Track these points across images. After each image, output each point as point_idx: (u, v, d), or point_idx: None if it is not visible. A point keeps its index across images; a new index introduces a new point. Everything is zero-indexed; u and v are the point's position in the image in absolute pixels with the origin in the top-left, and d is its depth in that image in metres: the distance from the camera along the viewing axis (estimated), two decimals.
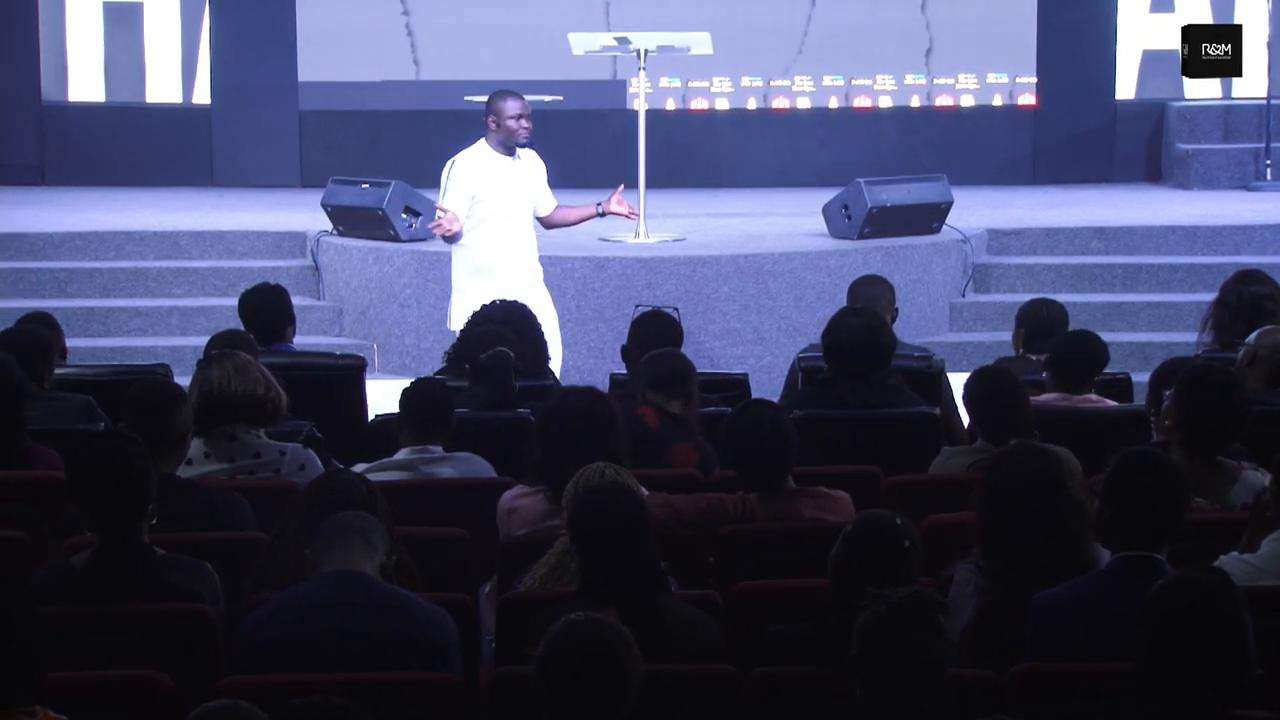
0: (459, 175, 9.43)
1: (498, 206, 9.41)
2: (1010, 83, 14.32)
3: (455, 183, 9.43)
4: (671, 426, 6.50)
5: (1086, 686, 4.45)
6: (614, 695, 4.06)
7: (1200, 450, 5.68)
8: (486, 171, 9.42)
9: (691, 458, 6.40)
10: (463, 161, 9.48)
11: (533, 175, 9.59)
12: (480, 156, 9.46)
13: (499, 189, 9.42)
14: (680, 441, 6.47)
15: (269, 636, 4.70)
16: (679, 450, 6.44)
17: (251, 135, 14.21)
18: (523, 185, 9.51)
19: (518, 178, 9.49)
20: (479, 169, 9.43)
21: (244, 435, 6.12)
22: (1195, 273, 11.52)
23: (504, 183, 9.43)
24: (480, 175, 9.41)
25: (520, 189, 9.49)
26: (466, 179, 9.41)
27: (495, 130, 9.43)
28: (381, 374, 10.74)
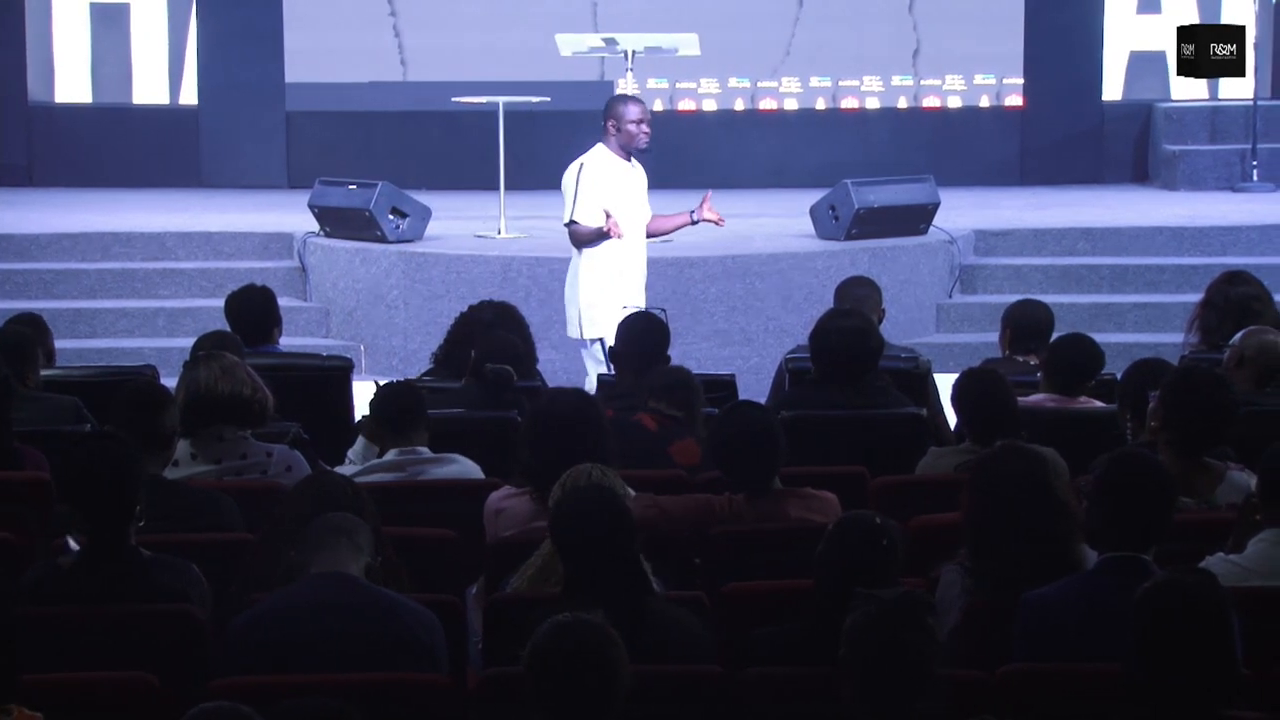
0: (590, 180, 9.21)
1: (624, 212, 9.25)
2: (997, 84, 14.35)
3: (587, 187, 9.20)
4: (672, 427, 6.50)
5: (1075, 687, 4.45)
6: (602, 696, 4.06)
7: (1187, 451, 5.68)
8: (612, 176, 9.26)
9: (694, 449, 6.39)
10: (591, 165, 9.24)
11: (643, 182, 9.45)
12: (604, 160, 9.27)
13: (623, 194, 9.26)
14: (680, 438, 6.47)
15: (257, 638, 4.69)
16: (681, 445, 6.43)
17: (239, 136, 14.21)
18: (640, 191, 9.37)
19: (636, 183, 9.35)
20: (606, 173, 9.25)
21: (231, 436, 6.11)
22: (1182, 273, 11.55)
23: (627, 188, 9.29)
24: (607, 180, 9.25)
25: (639, 195, 9.36)
26: (597, 183, 9.22)
27: (615, 135, 9.22)
28: (369, 375, 10.73)
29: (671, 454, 6.40)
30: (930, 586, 4.96)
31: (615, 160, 9.25)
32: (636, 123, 9.20)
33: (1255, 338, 6.88)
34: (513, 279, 10.97)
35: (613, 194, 9.22)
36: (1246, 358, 6.77)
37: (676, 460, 6.36)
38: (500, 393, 7.01)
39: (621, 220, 9.20)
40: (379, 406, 6.34)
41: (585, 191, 9.23)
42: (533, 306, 10.48)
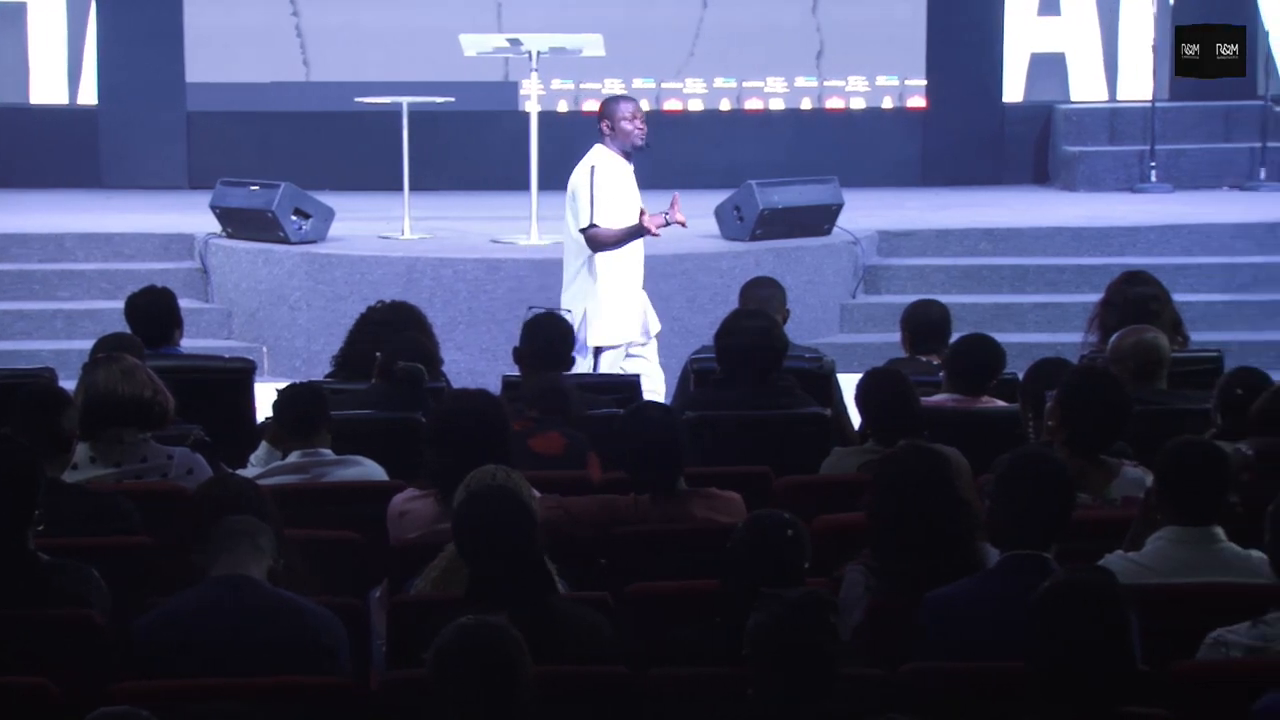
0: (603, 181, 9.16)
1: (629, 212, 9.20)
2: (900, 85, 14.43)
3: (603, 189, 9.15)
4: (533, 427, 6.49)
5: (977, 685, 4.48)
6: (506, 698, 4.05)
7: (1084, 449, 5.74)
8: (617, 176, 9.22)
9: (556, 440, 6.38)
10: (602, 167, 9.17)
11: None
12: (610, 161, 9.21)
13: (628, 193, 9.22)
14: (549, 430, 6.47)
15: (158, 641, 4.66)
16: (542, 438, 6.43)
17: (139, 136, 14.08)
18: (635, 185, 9.31)
19: (634, 182, 9.31)
20: (614, 174, 9.21)
21: (131, 439, 6.05)
22: (1082, 273, 11.66)
23: (630, 187, 9.25)
24: (616, 178, 9.20)
25: (636, 189, 9.30)
26: (611, 183, 9.17)
27: (611, 135, 9.17)
28: (271, 377, 10.66)
29: (531, 446, 6.39)
30: (834, 586, 4.98)
31: (617, 160, 9.23)
32: (631, 119, 9.18)
33: (1132, 336, 6.95)
34: (417, 280, 10.93)
35: (620, 194, 9.22)
36: (1124, 357, 6.83)
37: (536, 450, 6.36)
38: (412, 391, 6.97)
39: (630, 221, 9.14)
40: (281, 408, 6.30)
41: (601, 192, 9.17)
42: (437, 308, 10.45)
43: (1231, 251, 12.02)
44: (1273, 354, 10.81)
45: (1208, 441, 5.26)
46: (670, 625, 4.81)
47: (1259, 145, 13.63)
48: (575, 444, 6.46)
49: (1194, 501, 5.02)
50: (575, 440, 6.48)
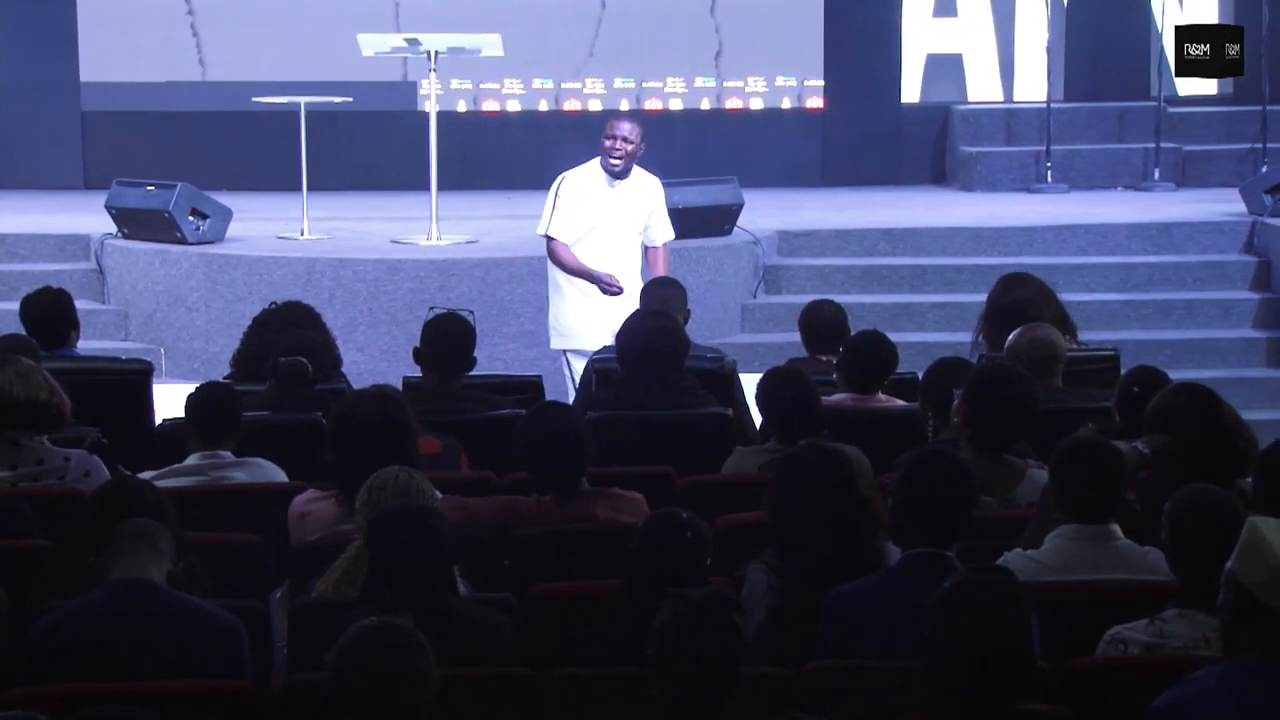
0: (568, 193, 9.33)
1: (600, 223, 9.28)
2: (798, 86, 14.48)
3: (564, 199, 9.33)
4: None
5: (878, 683, 4.50)
6: (408, 700, 4.04)
7: (988, 449, 5.78)
8: (593, 187, 9.32)
9: (433, 443, 6.37)
10: (571, 178, 9.39)
11: (642, 200, 9.41)
12: (590, 173, 9.38)
13: (601, 207, 9.30)
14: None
15: (55, 646, 4.61)
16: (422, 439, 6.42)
17: (32, 136, 13.92)
18: (627, 207, 9.34)
19: (623, 198, 9.33)
20: (586, 185, 9.33)
21: (27, 442, 5.99)
22: (980, 273, 11.73)
23: (607, 201, 9.31)
24: (586, 191, 9.31)
25: (623, 210, 9.33)
26: (573, 194, 9.31)
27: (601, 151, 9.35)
28: (169, 378, 10.58)
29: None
30: (736, 585, 4.99)
31: (598, 176, 9.30)
32: (610, 138, 9.28)
33: (1026, 335, 7.01)
34: (316, 280, 10.87)
35: (590, 204, 9.31)
36: (1025, 357, 6.89)
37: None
38: (296, 386, 6.92)
39: (596, 229, 9.25)
40: (190, 409, 6.25)
41: (562, 206, 9.33)
42: (337, 309, 10.41)
43: (1126, 251, 12.14)
44: (1167, 353, 10.93)
45: (1102, 439, 5.30)
46: (572, 626, 4.81)
47: (1153, 146, 13.78)
48: (450, 445, 6.46)
49: (1090, 499, 5.06)
50: (449, 442, 6.47)
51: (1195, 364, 11.04)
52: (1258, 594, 3.97)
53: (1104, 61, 14.48)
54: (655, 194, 9.56)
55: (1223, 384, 8.18)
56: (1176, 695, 4.05)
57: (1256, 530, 4.01)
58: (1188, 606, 4.61)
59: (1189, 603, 4.61)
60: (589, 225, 9.33)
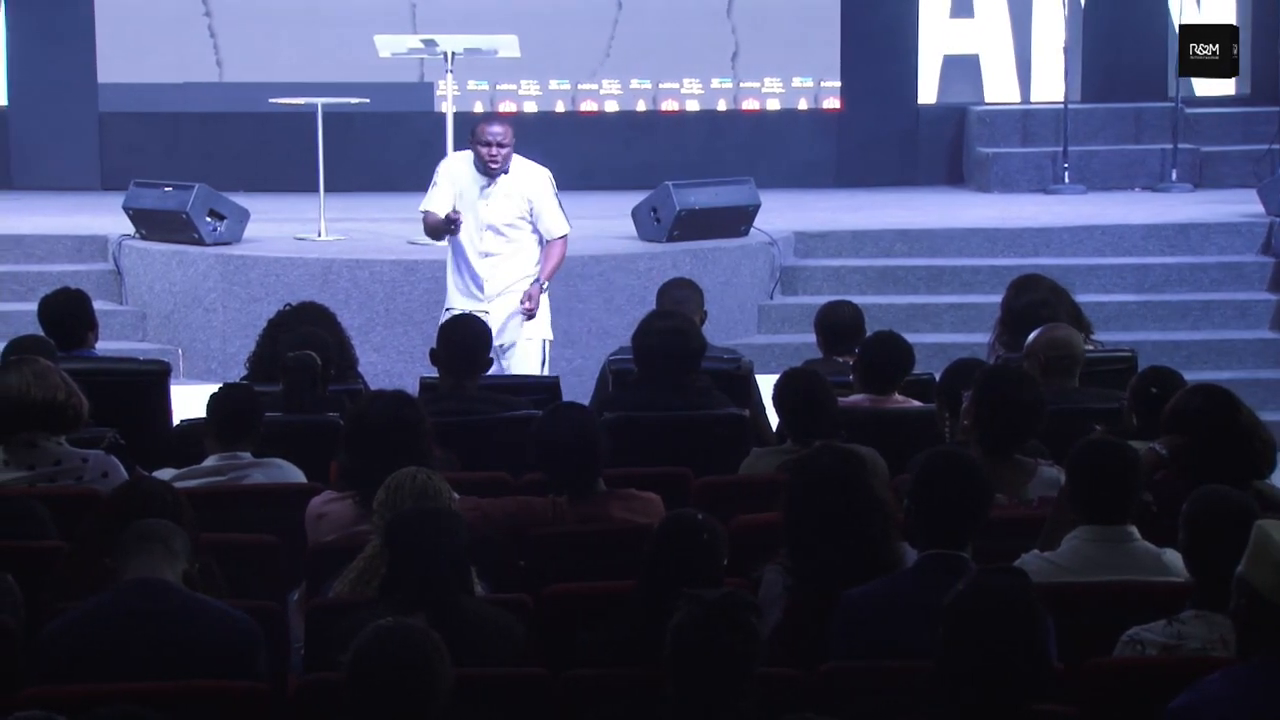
0: (442, 170, 9.39)
1: (464, 217, 9.23)
2: (815, 86, 14.48)
3: (441, 176, 9.36)
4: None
5: (893, 684, 4.50)
6: (423, 700, 4.04)
7: (999, 448, 5.78)
8: (463, 177, 9.28)
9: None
10: (449, 159, 9.40)
11: (518, 189, 9.28)
12: (463, 161, 9.34)
13: (470, 199, 9.24)
14: None
15: (70, 646, 4.62)
16: None
17: (50, 137, 13.95)
18: (501, 202, 9.25)
19: (496, 193, 9.24)
20: (458, 173, 9.31)
21: (44, 442, 6.00)
22: (996, 274, 11.71)
23: (477, 194, 9.24)
24: (460, 177, 9.29)
25: (496, 205, 9.24)
26: (449, 180, 9.31)
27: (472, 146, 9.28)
28: (186, 379, 10.60)
29: None
30: (753, 586, 4.99)
31: (472, 168, 9.26)
32: (485, 145, 9.18)
33: (1045, 335, 7.01)
34: (333, 281, 10.88)
35: (461, 195, 9.26)
36: (1046, 357, 6.89)
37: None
38: (305, 382, 6.92)
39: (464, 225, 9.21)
40: (210, 410, 6.26)
41: (438, 185, 9.34)
42: (353, 309, 10.42)
43: (1143, 252, 12.12)
44: (1184, 354, 10.92)
45: (1118, 440, 5.30)
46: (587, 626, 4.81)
47: (1170, 147, 13.76)
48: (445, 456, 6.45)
49: (1105, 501, 5.06)
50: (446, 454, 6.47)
51: (1212, 365, 11.02)
52: (1268, 595, 3.98)
53: (1121, 62, 14.46)
54: (537, 184, 9.35)
55: (1240, 385, 8.17)
56: (1192, 697, 4.05)
57: (1264, 532, 4.02)
58: (1204, 608, 4.60)
59: (1206, 604, 4.60)
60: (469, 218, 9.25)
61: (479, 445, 6.64)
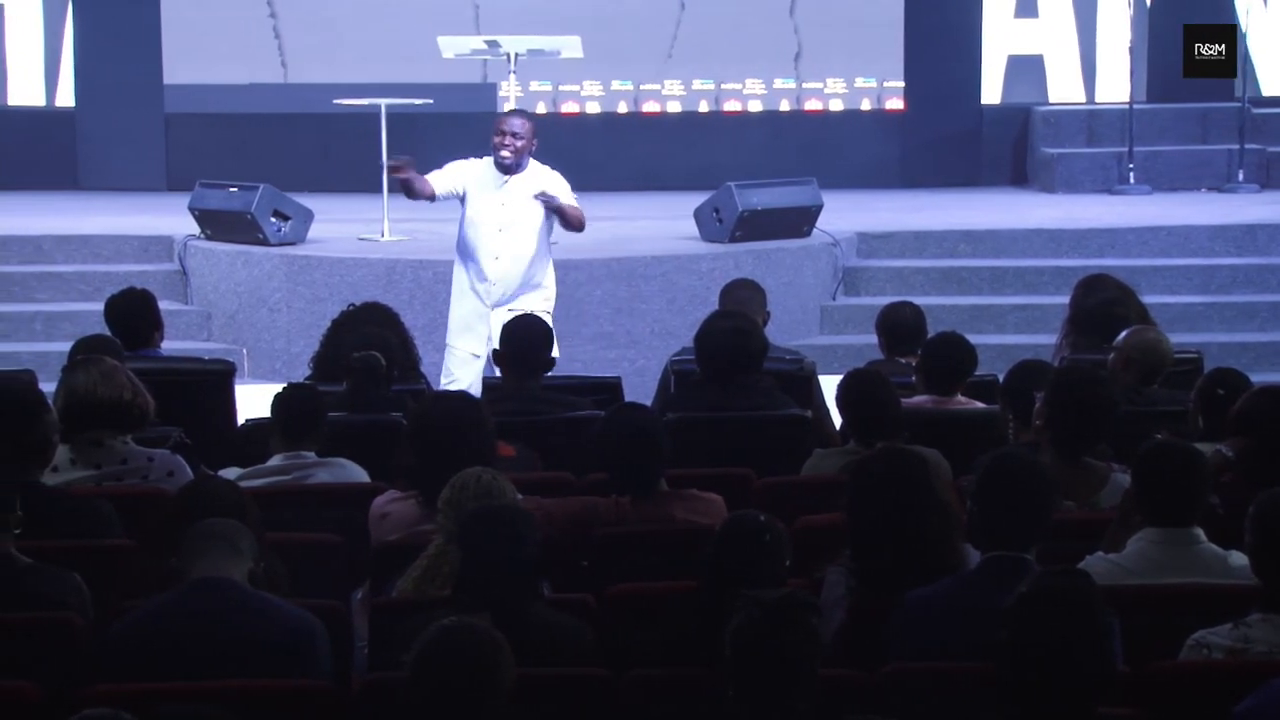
0: (458, 163, 9.36)
1: (477, 217, 9.23)
2: (878, 87, 14.45)
3: (452, 165, 9.35)
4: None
5: (954, 686, 4.48)
6: (485, 699, 4.05)
7: (1068, 452, 5.75)
8: (480, 178, 9.25)
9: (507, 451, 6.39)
10: (470, 160, 9.35)
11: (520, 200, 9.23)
12: (483, 164, 9.31)
13: (483, 201, 9.22)
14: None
15: (137, 644, 4.64)
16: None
17: (116, 138, 14.05)
18: (519, 202, 9.21)
19: (514, 193, 9.22)
20: (475, 173, 9.28)
21: (111, 442, 6.03)
22: (1061, 275, 11.68)
23: (491, 196, 9.22)
24: (473, 178, 9.26)
25: (514, 205, 9.21)
26: (461, 170, 9.30)
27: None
28: (251, 379, 10.66)
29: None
30: (815, 587, 4.98)
31: (491, 173, 9.24)
32: (499, 134, 9.18)
33: (1138, 337, 6.97)
34: (397, 281, 10.92)
35: (472, 195, 9.25)
36: (1132, 358, 6.86)
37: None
38: (370, 381, 6.95)
39: (472, 224, 9.20)
40: (274, 409, 6.29)
41: (445, 166, 9.33)
42: (416, 310, 10.45)
43: (1209, 253, 12.05)
44: (1250, 355, 10.85)
45: (1184, 443, 5.27)
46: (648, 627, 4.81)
47: (1236, 147, 13.67)
48: (524, 453, 6.48)
49: (1171, 503, 5.03)
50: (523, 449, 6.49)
51: (1278, 367, 10.94)
52: None
53: None
54: (556, 184, 9.31)
55: None
56: (1258, 700, 4.02)
57: None
58: (1271, 611, 4.57)
59: (1273, 607, 4.57)
60: (466, 215, 9.24)
61: (541, 445, 6.65)
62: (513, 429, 6.47)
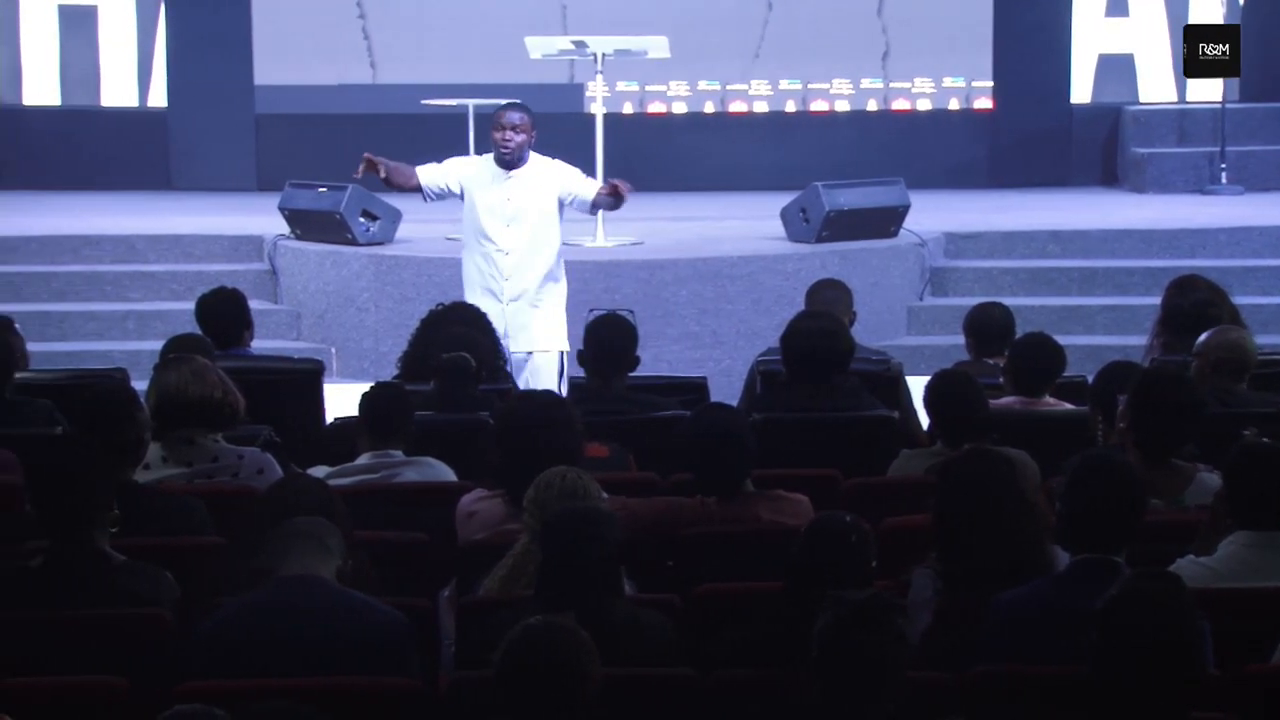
0: (456, 160, 9.35)
1: (483, 214, 9.19)
2: (966, 86, 14.38)
3: (452, 160, 9.36)
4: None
5: (1043, 689, 4.46)
6: (572, 698, 4.06)
7: (1154, 452, 5.70)
8: (480, 175, 9.22)
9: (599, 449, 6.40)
10: (468, 158, 9.31)
11: (544, 184, 9.22)
12: (483, 161, 9.29)
13: (487, 197, 9.20)
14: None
15: (225, 642, 4.68)
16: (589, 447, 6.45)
17: (208, 138, 14.17)
18: (524, 195, 9.18)
19: (518, 187, 9.21)
20: (474, 170, 9.27)
21: (201, 440, 6.09)
22: (1151, 275, 11.58)
23: (496, 191, 9.19)
24: (472, 176, 9.23)
25: (519, 199, 9.18)
26: (458, 168, 9.29)
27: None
28: (339, 378, 10.72)
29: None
30: (901, 589, 4.97)
31: (491, 165, 9.20)
32: (499, 129, 9.15)
33: (1221, 337, 6.91)
34: None
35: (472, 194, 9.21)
36: (1217, 359, 6.80)
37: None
38: (459, 382, 6.97)
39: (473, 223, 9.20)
40: (362, 408, 6.33)
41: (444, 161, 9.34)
42: None
43: None
44: None
45: (1274, 445, 5.21)
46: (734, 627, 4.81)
47: None
48: (616, 451, 6.48)
49: (1263, 505, 4.98)
50: (615, 448, 6.49)
51: None
52: None
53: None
54: (564, 172, 9.27)
55: None
56: None
57: None
58: None
59: None
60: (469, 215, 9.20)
61: (627, 445, 6.66)
62: (598, 429, 6.48)
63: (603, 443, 6.43)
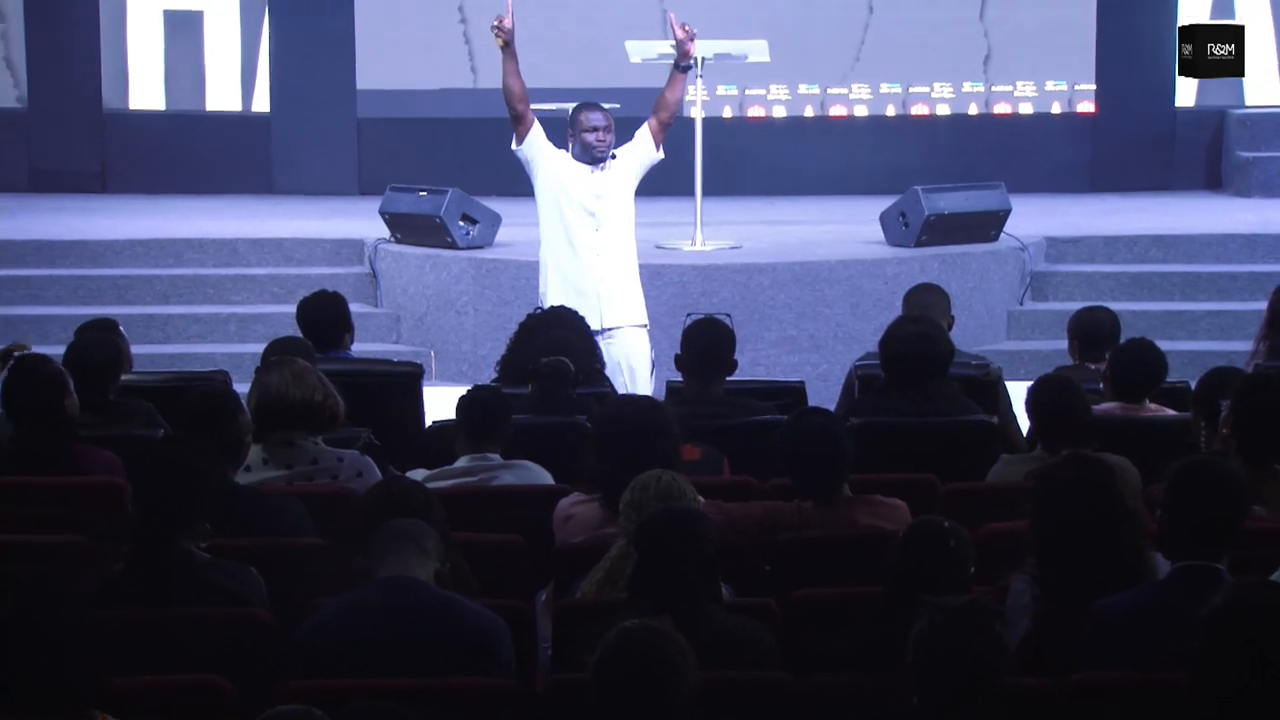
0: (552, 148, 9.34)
1: (568, 211, 9.26)
2: (1069, 90, 14.27)
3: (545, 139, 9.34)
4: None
5: (1144, 696, 4.43)
6: (668, 702, 4.06)
7: (1257, 459, 5.65)
8: (567, 172, 9.27)
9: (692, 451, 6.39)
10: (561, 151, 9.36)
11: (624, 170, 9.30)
12: (566, 157, 9.33)
13: (572, 194, 9.24)
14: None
15: (324, 642, 4.72)
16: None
17: (310, 142, 14.28)
18: (606, 194, 9.26)
19: (600, 187, 9.26)
20: (560, 160, 9.31)
21: (302, 442, 6.13)
22: (1256, 281, 11.45)
23: (581, 189, 9.24)
24: (560, 171, 9.28)
25: (606, 199, 9.26)
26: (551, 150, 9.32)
27: (573, 140, 9.31)
28: (438, 381, 10.77)
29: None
30: (1000, 595, 4.94)
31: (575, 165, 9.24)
32: (591, 130, 9.19)
33: None
34: None
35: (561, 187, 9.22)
36: None
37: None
38: (558, 386, 6.99)
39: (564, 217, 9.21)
40: (460, 411, 6.36)
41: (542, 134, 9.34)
42: None
43: None
44: None
45: None
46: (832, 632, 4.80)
47: None
48: (710, 453, 6.48)
49: None
50: (709, 450, 6.49)
51: None
52: None
53: None
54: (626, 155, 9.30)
55: None
56: None
57: None
58: None
59: None
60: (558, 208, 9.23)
61: (725, 449, 6.66)
62: (696, 433, 6.48)
63: (695, 444, 6.43)
